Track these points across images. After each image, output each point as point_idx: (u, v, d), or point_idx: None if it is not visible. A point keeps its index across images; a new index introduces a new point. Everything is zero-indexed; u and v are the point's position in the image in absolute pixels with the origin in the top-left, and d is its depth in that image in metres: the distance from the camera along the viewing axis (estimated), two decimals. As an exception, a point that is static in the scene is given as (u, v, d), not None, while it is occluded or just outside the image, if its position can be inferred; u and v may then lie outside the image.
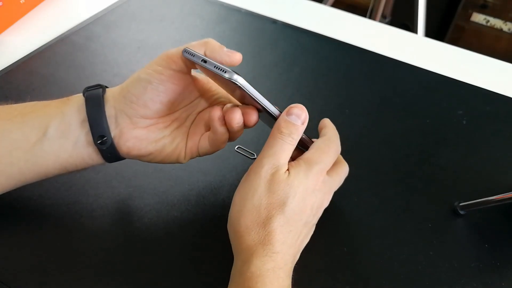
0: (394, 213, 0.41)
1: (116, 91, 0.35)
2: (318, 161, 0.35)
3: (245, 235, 0.32)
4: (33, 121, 0.34)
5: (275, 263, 0.31)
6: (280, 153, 0.33)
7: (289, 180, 0.33)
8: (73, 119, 0.34)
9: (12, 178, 0.35)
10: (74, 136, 0.34)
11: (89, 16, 0.62)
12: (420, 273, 0.37)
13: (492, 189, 0.41)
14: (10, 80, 0.51)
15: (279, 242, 0.32)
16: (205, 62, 0.32)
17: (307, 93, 0.53)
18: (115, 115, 0.34)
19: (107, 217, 0.39)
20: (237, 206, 0.33)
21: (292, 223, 0.33)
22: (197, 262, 0.37)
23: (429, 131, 0.50)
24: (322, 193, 0.35)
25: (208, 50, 0.34)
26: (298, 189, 0.33)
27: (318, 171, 0.34)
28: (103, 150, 0.35)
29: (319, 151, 0.35)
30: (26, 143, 0.34)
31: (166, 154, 0.37)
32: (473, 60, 0.62)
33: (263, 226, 0.32)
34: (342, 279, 0.36)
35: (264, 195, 0.32)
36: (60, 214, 0.38)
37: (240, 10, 0.66)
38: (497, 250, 0.39)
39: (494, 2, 1.48)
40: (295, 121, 0.34)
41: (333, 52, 0.60)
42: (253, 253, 0.31)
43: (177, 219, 0.39)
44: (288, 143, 0.33)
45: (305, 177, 0.33)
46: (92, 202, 0.40)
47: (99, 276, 0.35)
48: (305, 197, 0.33)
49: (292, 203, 0.32)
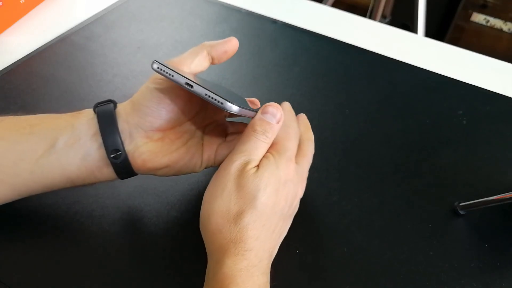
0: (394, 213, 0.41)
1: (128, 106, 0.35)
2: (284, 150, 0.34)
3: (216, 234, 0.31)
4: (42, 133, 0.34)
5: (248, 261, 0.30)
6: (252, 150, 0.33)
7: (258, 173, 0.32)
8: (83, 132, 0.34)
9: (17, 189, 0.35)
10: (84, 149, 0.34)
11: (89, 16, 0.62)
12: (420, 273, 0.37)
13: (492, 189, 0.41)
14: (10, 80, 0.51)
15: (252, 238, 0.31)
16: (191, 87, 0.31)
17: (307, 93, 0.53)
18: (129, 129, 0.34)
19: (107, 217, 0.39)
20: (207, 204, 0.32)
21: (266, 217, 0.32)
22: (197, 262, 0.37)
23: (429, 131, 0.50)
24: (295, 183, 0.35)
25: (213, 52, 0.35)
26: (269, 180, 0.32)
27: (287, 159, 0.34)
28: (116, 164, 0.34)
29: (281, 140, 0.35)
30: (33, 155, 0.33)
31: (181, 166, 0.36)
32: (473, 60, 0.62)
33: (234, 223, 0.31)
34: (342, 279, 0.36)
35: (233, 191, 0.31)
36: (60, 214, 0.38)
37: (240, 10, 0.66)
38: (497, 250, 0.39)
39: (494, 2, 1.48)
40: (270, 119, 0.34)
41: (333, 52, 0.60)
42: (225, 252, 0.30)
43: (177, 219, 0.39)
44: (261, 140, 0.33)
45: (276, 168, 0.33)
46: (92, 202, 0.40)
47: (99, 276, 0.35)
48: (278, 188, 0.33)
49: (263, 196, 0.31)
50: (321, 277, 0.36)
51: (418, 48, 0.63)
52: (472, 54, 0.62)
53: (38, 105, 0.48)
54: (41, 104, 0.49)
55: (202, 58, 0.35)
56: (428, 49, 0.63)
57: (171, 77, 0.31)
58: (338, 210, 0.41)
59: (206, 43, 0.35)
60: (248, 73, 0.54)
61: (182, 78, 0.31)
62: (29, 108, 0.48)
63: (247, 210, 0.31)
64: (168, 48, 0.58)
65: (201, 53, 0.35)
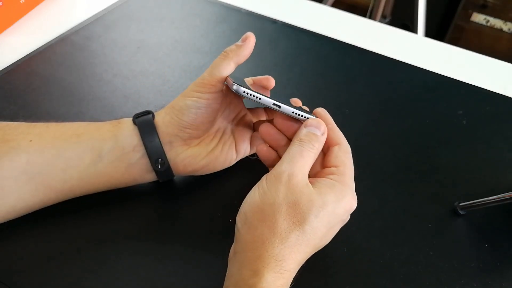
0: (394, 213, 0.41)
1: (166, 118, 0.37)
2: (351, 182, 0.34)
3: (258, 242, 0.30)
4: (87, 143, 0.36)
5: (284, 281, 0.30)
6: (299, 159, 0.32)
7: (314, 194, 0.31)
8: (126, 143, 0.36)
9: (63, 194, 0.37)
10: (127, 158, 0.37)
11: (89, 16, 0.62)
12: (420, 273, 0.37)
13: (492, 189, 0.41)
14: (10, 80, 0.51)
15: (293, 260, 0.30)
16: (279, 107, 0.34)
17: (307, 93, 0.53)
18: (169, 139, 0.37)
19: (107, 217, 0.39)
20: (252, 206, 0.31)
21: (310, 244, 0.31)
22: (198, 261, 0.37)
23: (429, 131, 0.50)
24: (348, 215, 0.34)
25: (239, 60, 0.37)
26: (325, 208, 0.31)
27: (352, 197, 0.33)
28: (160, 172, 0.38)
29: (347, 172, 0.34)
30: (81, 163, 0.35)
31: (218, 163, 0.39)
32: (473, 60, 0.62)
33: (280, 240, 0.29)
34: (342, 279, 0.36)
35: (284, 204, 0.30)
36: (60, 214, 0.38)
37: (240, 10, 0.66)
38: (497, 250, 0.39)
39: (494, 2, 1.48)
40: (314, 131, 0.34)
41: (333, 52, 0.60)
42: (266, 266, 0.29)
43: (179, 214, 0.39)
44: (307, 150, 0.33)
45: (336, 199, 0.32)
46: (92, 202, 0.39)
47: (100, 276, 0.35)
48: (330, 221, 0.31)
49: (314, 221, 0.30)
50: (321, 277, 0.36)
51: (418, 48, 0.63)
52: (472, 54, 0.62)
53: (38, 105, 0.48)
54: (41, 104, 0.49)
55: (230, 68, 0.37)
56: (428, 49, 0.63)
57: (258, 100, 0.34)
58: (338, 210, 0.41)
59: (229, 53, 0.37)
60: (248, 73, 0.54)
61: (269, 100, 0.34)
62: (29, 108, 0.48)
63: (295, 231, 0.30)
64: (168, 48, 0.58)
65: (229, 63, 0.36)
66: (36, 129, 0.36)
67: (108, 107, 0.49)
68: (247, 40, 0.37)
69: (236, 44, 0.37)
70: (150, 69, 0.54)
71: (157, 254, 0.37)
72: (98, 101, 0.50)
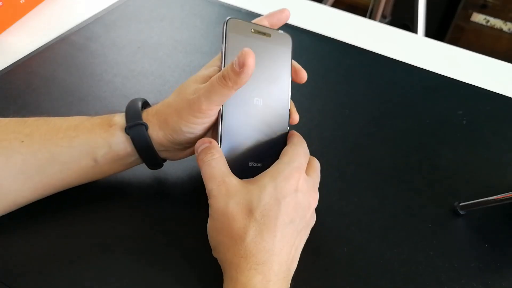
0: (394, 213, 0.41)
1: (160, 135, 0.36)
2: (291, 161, 0.34)
3: (225, 252, 0.31)
4: (81, 148, 0.35)
5: (262, 276, 0.29)
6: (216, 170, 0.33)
7: (249, 187, 0.32)
8: (120, 150, 0.36)
9: (63, 188, 0.37)
10: (123, 160, 0.37)
11: (89, 16, 0.62)
12: (420, 273, 0.37)
13: (492, 189, 0.41)
14: (10, 80, 0.51)
15: (265, 251, 0.30)
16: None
17: (307, 93, 0.53)
18: (165, 147, 0.37)
19: (107, 216, 0.39)
20: (210, 232, 0.33)
21: (270, 227, 0.31)
22: (197, 262, 0.37)
23: (429, 131, 0.50)
24: (304, 193, 0.33)
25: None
26: (264, 191, 0.32)
27: (294, 169, 0.33)
28: (156, 168, 0.39)
29: (288, 155, 0.35)
30: (77, 166, 0.36)
31: None
32: (473, 60, 0.62)
33: (241, 241, 0.30)
34: (342, 279, 0.36)
35: (229, 209, 0.31)
36: (60, 214, 0.38)
37: (240, 10, 0.66)
38: (497, 250, 0.39)
39: (494, 2, 1.48)
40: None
41: (333, 52, 0.60)
42: (236, 268, 0.30)
43: (177, 217, 0.39)
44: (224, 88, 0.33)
45: (272, 179, 0.32)
46: (93, 202, 0.40)
47: (100, 276, 0.35)
48: (278, 197, 0.32)
49: (259, 206, 0.31)
50: (321, 277, 0.36)
51: (418, 48, 0.63)
52: (472, 54, 0.62)
53: (38, 105, 0.48)
54: (41, 104, 0.49)
55: (229, 96, 0.35)
56: (428, 49, 0.63)
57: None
58: (338, 210, 0.41)
59: (229, 82, 0.33)
60: (248, 73, 0.54)
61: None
62: (29, 108, 0.48)
63: (249, 224, 0.30)
64: (168, 48, 0.58)
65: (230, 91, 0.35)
66: (26, 128, 0.35)
67: (108, 107, 0.49)
68: (246, 67, 0.31)
69: (234, 70, 0.31)
70: (150, 69, 0.54)
71: (157, 254, 0.37)
72: (98, 101, 0.49)
